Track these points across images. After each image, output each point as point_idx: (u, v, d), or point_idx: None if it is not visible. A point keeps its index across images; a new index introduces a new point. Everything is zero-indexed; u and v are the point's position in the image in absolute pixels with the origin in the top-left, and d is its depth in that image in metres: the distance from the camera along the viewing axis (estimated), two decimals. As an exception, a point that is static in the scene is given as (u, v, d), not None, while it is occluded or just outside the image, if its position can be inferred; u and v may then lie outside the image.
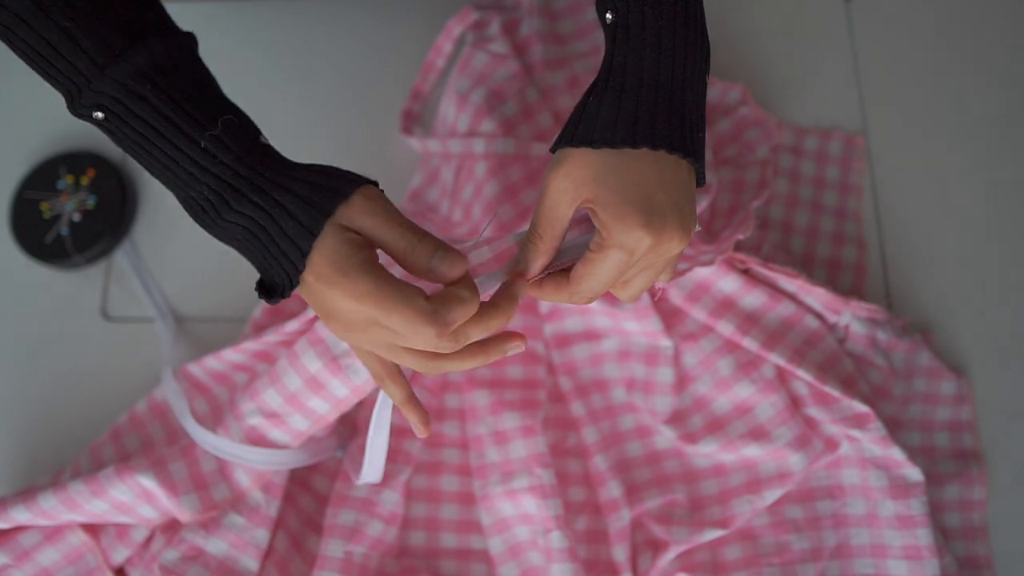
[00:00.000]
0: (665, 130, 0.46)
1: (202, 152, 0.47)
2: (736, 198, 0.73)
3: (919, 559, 0.62)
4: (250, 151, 0.47)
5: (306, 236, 0.45)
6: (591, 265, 0.47)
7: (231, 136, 0.47)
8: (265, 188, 0.46)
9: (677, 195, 0.47)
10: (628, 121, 0.46)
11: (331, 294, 0.45)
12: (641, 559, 0.65)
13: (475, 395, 0.68)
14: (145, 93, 0.46)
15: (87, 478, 0.61)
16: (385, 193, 0.48)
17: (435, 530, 0.67)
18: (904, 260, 0.75)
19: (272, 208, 0.46)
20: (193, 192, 0.47)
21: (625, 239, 0.46)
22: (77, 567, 0.63)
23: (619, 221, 0.45)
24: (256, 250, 0.47)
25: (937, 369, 0.70)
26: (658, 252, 0.47)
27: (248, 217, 0.47)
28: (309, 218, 0.45)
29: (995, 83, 0.79)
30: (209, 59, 0.52)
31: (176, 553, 0.62)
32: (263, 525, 0.63)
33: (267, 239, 0.46)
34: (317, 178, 0.46)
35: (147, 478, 0.61)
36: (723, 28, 0.81)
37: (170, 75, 0.47)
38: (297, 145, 0.79)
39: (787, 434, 0.65)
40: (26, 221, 0.76)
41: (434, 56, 0.79)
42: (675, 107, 0.47)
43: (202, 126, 0.47)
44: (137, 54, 0.46)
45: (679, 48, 0.47)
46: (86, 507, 0.61)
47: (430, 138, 0.75)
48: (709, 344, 0.68)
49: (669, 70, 0.47)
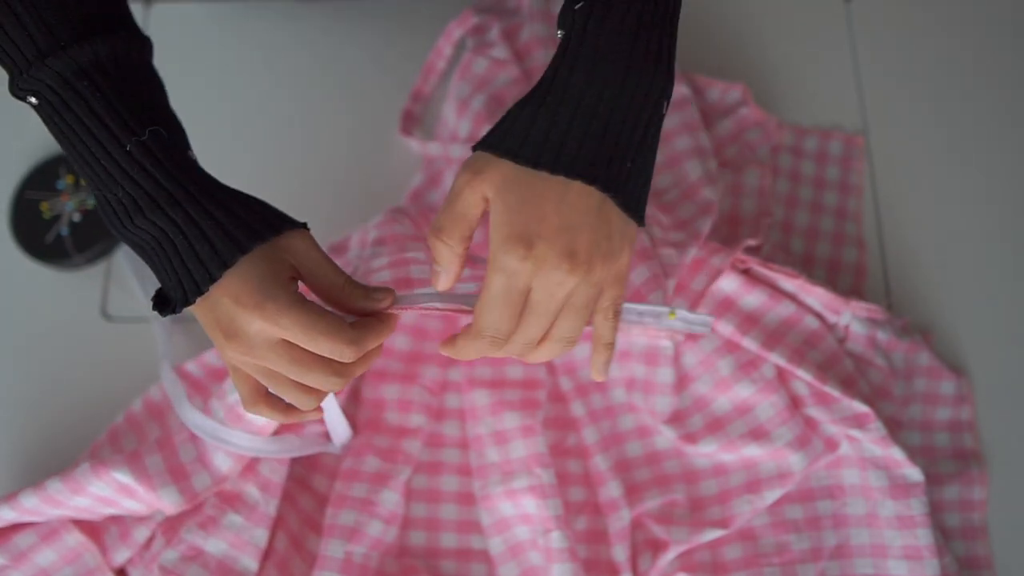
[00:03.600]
0: (571, 156, 0.44)
1: (126, 156, 0.47)
2: (736, 202, 0.73)
3: (919, 559, 0.62)
4: (176, 164, 0.48)
5: (218, 264, 0.46)
6: (482, 294, 0.46)
7: (158, 145, 0.48)
8: (183, 204, 0.47)
9: (574, 220, 0.44)
10: (538, 139, 0.45)
11: (247, 317, 0.46)
12: (641, 559, 0.65)
13: (475, 395, 0.68)
14: (81, 88, 0.47)
15: (63, 476, 0.61)
16: (385, 193, 0.48)
17: (435, 530, 0.67)
18: (904, 260, 0.75)
19: (187, 226, 0.47)
20: (108, 193, 0.48)
21: (503, 260, 0.44)
22: (75, 567, 0.63)
23: (501, 239, 0.44)
24: (159, 262, 0.48)
25: (937, 369, 0.70)
26: (547, 280, 0.45)
27: (159, 228, 0.47)
28: (225, 247, 0.46)
29: (995, 83, 0.79)
30: (210, 59, 0.53)
31: (175, 553, 0.62)
32: (262, 524, 0.63)
33: (173, 254, 0.47)
34: (240, 211, 0.48)
35: (123, 474, 0.61)
36: (723, 28, 0.81)
37: (111, 75, 0.48)
38: (296, 145, 0.79)
39: (787, 434, 0.65)
40: (26, 221, 0.76)
41: (434, 58, 0.79)
42: (593, 132, 0.45)
43: (132, 131, 0.47)
44: (81, 49, 0.47)
45: (619, 73, 0.45)
46: (69, 503, 0.61)
47: (432, 141, 0.75)
48: (709, 344, 0.68)
49: (598, 94, 0.45)
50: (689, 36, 0.81)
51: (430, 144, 0.75)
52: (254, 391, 0.52)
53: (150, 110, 0.49)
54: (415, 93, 0.79)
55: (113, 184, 0.47)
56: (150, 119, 0.48)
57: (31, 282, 0.76)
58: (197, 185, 0.48)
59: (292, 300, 0.46)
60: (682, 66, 0.77)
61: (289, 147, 0.79)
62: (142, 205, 0.47)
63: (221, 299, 0.46)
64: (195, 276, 0.47)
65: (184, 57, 0.81)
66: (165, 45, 0.82)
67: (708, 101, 0.78)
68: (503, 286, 0.45)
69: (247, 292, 0.46)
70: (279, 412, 0.53)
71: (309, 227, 0.50)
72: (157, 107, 0.50)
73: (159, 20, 0.83)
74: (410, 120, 0.78)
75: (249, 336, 0.46)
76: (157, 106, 0.50)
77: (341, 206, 0.76)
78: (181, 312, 0.48)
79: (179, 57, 0.81)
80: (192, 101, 0.81)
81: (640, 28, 0.45)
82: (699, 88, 0.78)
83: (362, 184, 0.77)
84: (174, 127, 0.51)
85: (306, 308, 0.46)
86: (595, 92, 0.45)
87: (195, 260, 0.46)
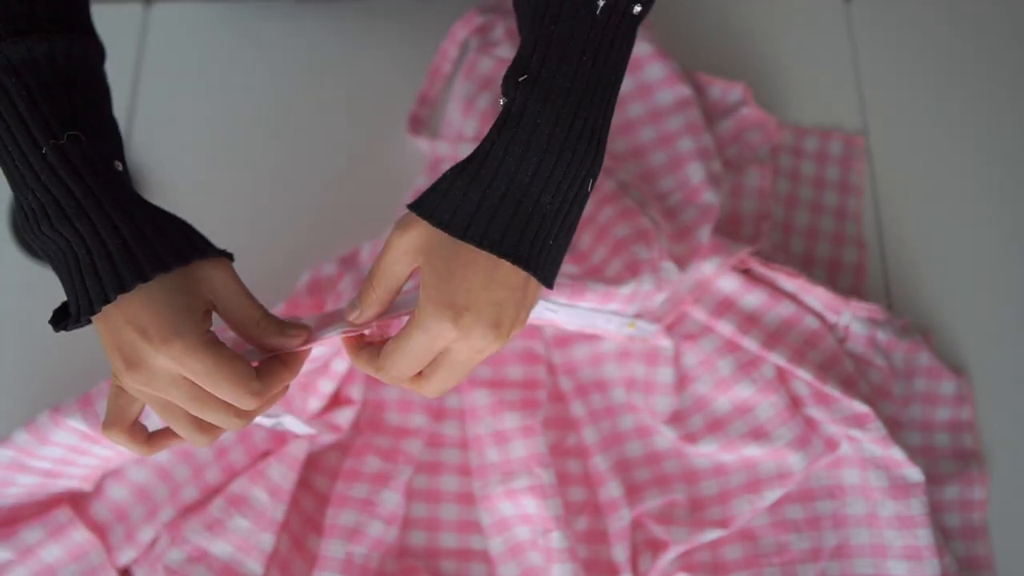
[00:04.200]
0: (501, 233, 0.45)
1: (40, 159, 0.45)
2: (736, 203, 0.73)
3: (919, 559, 0.62)
4: (93, 173, 0.46)
5: (115, 287, 0.44)
6: (397, 341, 0.47)
7: (77, 152, 0.46)
8: (91, 216, 0.45)
9: (502, 296, 0.46)
10: (468, 212, 0.45)
11: (151, 351, 0.44)
12: (641, 559, 0.65)
13: (475, 395, 0.68)
14: (8, 85, 0.46)
15: (27, 426, 0.60)
16: (382, 195, 0.48)
17: (435, 530, 0.67)
18: (904, 260, 0.75)
19: (91, 240, 0.45)
20: (21, 196, 0.46)
21: (430, 324, 0.45)
22: (80, 564, 0.63)
23: (431, 304, 0.45)
24: (63, 273, 0.46)
25: (937, 369, 0.70)
26: (468, 347, 0.46)
27: (64, 239, 0.45)
28: (127, 270, 0.44)
29: (995, 83, 0.79)
30: (210, 59, 0.52)
31: (181, 554, 0.62)
32: (268, 529, 0.63)
33: (75, 268, 0.45)
34: (151, 232, 0.46)
35: (77, 421, 0.60)
36: (723, 28, 0.81)
37: (43, 76, 0.47)
38: (297, 147, 0.79)
39: (787, 434, 0.65)
40: (26, 221, 0.76)
41: (440, 61, 0.79)
42: (523, 211, 0.45)
43: (52, 134, 0.46)
44: (15, 46, 0.46)
45: (554, 152, 0.45)
46: (42, 453, 0.60)
47: (439, 140, 0.75)
48: (709, 344, 0.68)
49: (531, 173, 0.45)
50: (689, 36, 0.81)
51: (439, 144, 0.75)
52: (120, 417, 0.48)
53: (77, 115, 0.47)
54: (422, 97, 0.79)
55: (25, 187, 0.46)
56: (75, 123, 0.47)
57: (31, 282, 0.76)
58: (111, 198, 0.46)
59: (201, 341, 0.44)
60: (682, 65, 0.77)
61: (289, 148, 0.79)
62: (50, 212, 0.45)
63: (125, 326, 0.44)
64: (91, 294, 0.45)
65: (184, 57, 0.81)
66: (165, 45, 0.82)
67: (709, 99, 0.78)
68: (422, 345, 0.46)
69: (155, 325, 0.44)
70: (135, 444, 0.49)
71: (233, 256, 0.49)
72: (88, 113, 0.48)
73: (159, 20, 0.83)
74: (417, 124, 0.78)
75: (151, 370, 0.45)
76: (89, 112, 0.48)
77: (341, 206, 0.76)
78: (72, 329, 0.47)
79: (179, 57, 0.81)
80: (191, 102, 0.81)
81: (579, 109, 0.46)
82: (700, 86, 0.78)
83: (363, 185, 0.77)
84: (103, 135, 0.48)
85: (214, 352, 0.45)
86: (528, 170, 0.45)
87: (94, 277, 0.45)
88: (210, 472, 0.66)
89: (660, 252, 0.65)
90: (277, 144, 0.79)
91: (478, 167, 0.46)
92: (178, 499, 0.65)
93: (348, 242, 0.73)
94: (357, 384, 0.68)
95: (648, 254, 0.65)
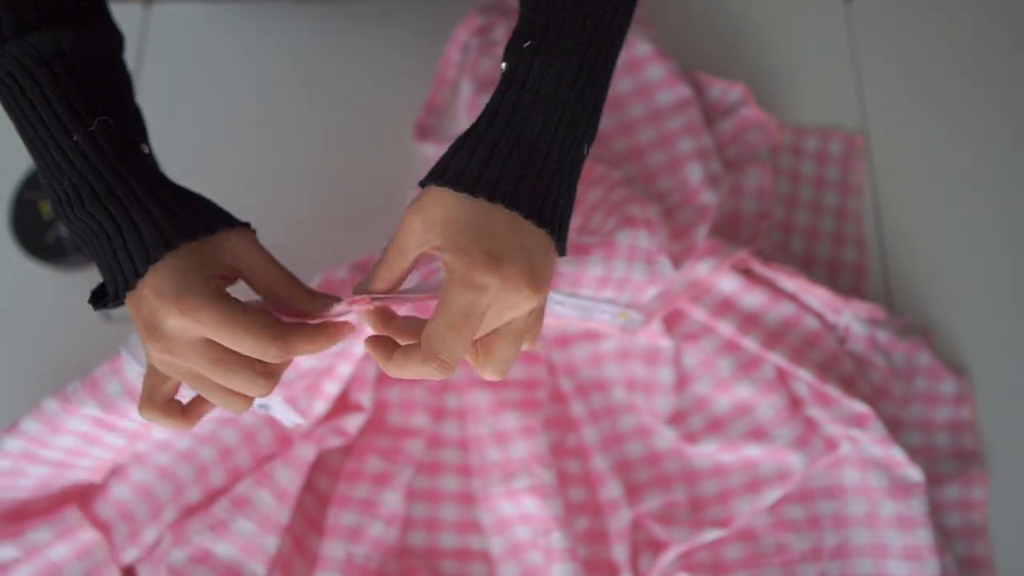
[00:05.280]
0: (513, 186, 0.45)
1: (73, 146, 0.48)
2: (736, 203, 0.73)
3: (919, 559, 0.62)
4: (121, 157, 0.48)
5: (144, 260, 0.46)
6: (439, 310, 0.44)
7: (106, 138, 0.48)
8: (122, 197, 0.47)
9: (529, 243, 0.45)
10: (478, 169, 0.45)
11: (164, 310, 0.45)
12: (641, 559, 0.65)
13: (475, 395, 0.68)
14: (38, 75, 0.48)
15: (37, 415, 0.60)
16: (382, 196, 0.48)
17: (435, 530, 0.67)
18: (904, 260, 0.75)
19: (122, 220, 0.47)
20: (55, 182, 0.48)
21: (468, 274, 0.43)
22: (85, 562, 0.63)
23: (464, 258, 0.44)
24: (97, 254, 0.48)
25: (937, 369, 0.70)
26: (508, 302, 0.44)
27: (97, 221, 0.47)
28: (154, 242, 0.46)
29: (995, 83, 0.79)
30: (210, 60, 0.52)
31: (184, 554, 0.62)
32: (273, 531, 0.63)
33: (108, 247, 0.47)
34: (178, 207, 0.47)
35: (90, 407, 0.59)
36: (723, 28, 0.81)
37: (71, 65, 0.49)
38: (296, 148, 0.79)
39: (787, 434, 0.65)
40: (26, 221, 0.76)
41: (444, 67, 0.79)
42: (533, 166, 0.46)
43: (82, 121, 0.48)
44: (43, 36, 0.48)
45: (557, 110, 0.46)
46: (54, 442, 0.60)
47: (444, 144, 0.75)
48: (709, 344, 0.68)
49: (537, 129, 0.46)
50: (689, 36, 0.81)
51: (444, 148, 0.75)
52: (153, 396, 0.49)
53: (105, 101, 0.49)
54: (428, 104, 0.79)
55: (59, 173, 0.48)
56: (103, 110, 0.48)
57: (31, 282, 0.76)
58: (139, 179, 0.48)
59: (212, 294, 0.45)
60: (683, 65, 0.77)
61: (289, 149, 0.79)
62: (83, 196, 0.47)
63: (148, 295, 0.45)
64: (124, 270, 0.46)
65: (184, 58, 0.81)
66: (165, 45, 0.82)
67: (709, 100, 0.78)
68: (468, 302, 0.43)
69: (167, 284, 0.45)
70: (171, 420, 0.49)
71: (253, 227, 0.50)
72: (114, 99, 0.50)
73: (159, 20, 0.83)
74: (424, 131, 0.78)
75: (167, 331, 0.45)
76: (114, 98, 0.50)
77: (342, 207, 0.76)
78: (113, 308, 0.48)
79: (179, 58, 0.81)
80: (191, 102, 0.81)
81: (579, 72, 0.47)
82: (700, 86, 0.78)
83: (364, 186, 0.77)
84: (129, 120, 0.50)
85: (226, 303, 0.45)
86: (535, 128, 0.46)
87: (125, 254, 0.46)
88: (214, 473, 0.65)
89: (659, 246, 0.65)
90: (277, 145, 0.79)
91: (485, 128, 0.46)
92: (182, 499, 0.64)
93: (349, 242, 0.73)
94: (367, 391, 0.67)
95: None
